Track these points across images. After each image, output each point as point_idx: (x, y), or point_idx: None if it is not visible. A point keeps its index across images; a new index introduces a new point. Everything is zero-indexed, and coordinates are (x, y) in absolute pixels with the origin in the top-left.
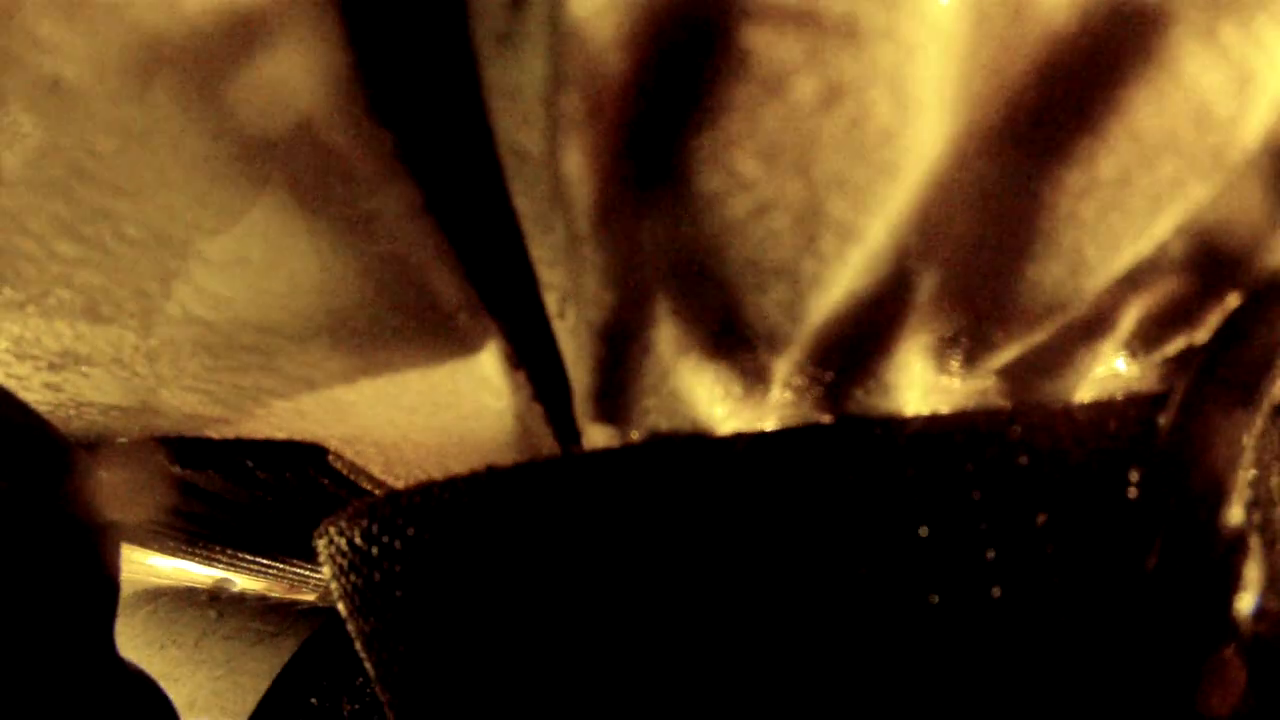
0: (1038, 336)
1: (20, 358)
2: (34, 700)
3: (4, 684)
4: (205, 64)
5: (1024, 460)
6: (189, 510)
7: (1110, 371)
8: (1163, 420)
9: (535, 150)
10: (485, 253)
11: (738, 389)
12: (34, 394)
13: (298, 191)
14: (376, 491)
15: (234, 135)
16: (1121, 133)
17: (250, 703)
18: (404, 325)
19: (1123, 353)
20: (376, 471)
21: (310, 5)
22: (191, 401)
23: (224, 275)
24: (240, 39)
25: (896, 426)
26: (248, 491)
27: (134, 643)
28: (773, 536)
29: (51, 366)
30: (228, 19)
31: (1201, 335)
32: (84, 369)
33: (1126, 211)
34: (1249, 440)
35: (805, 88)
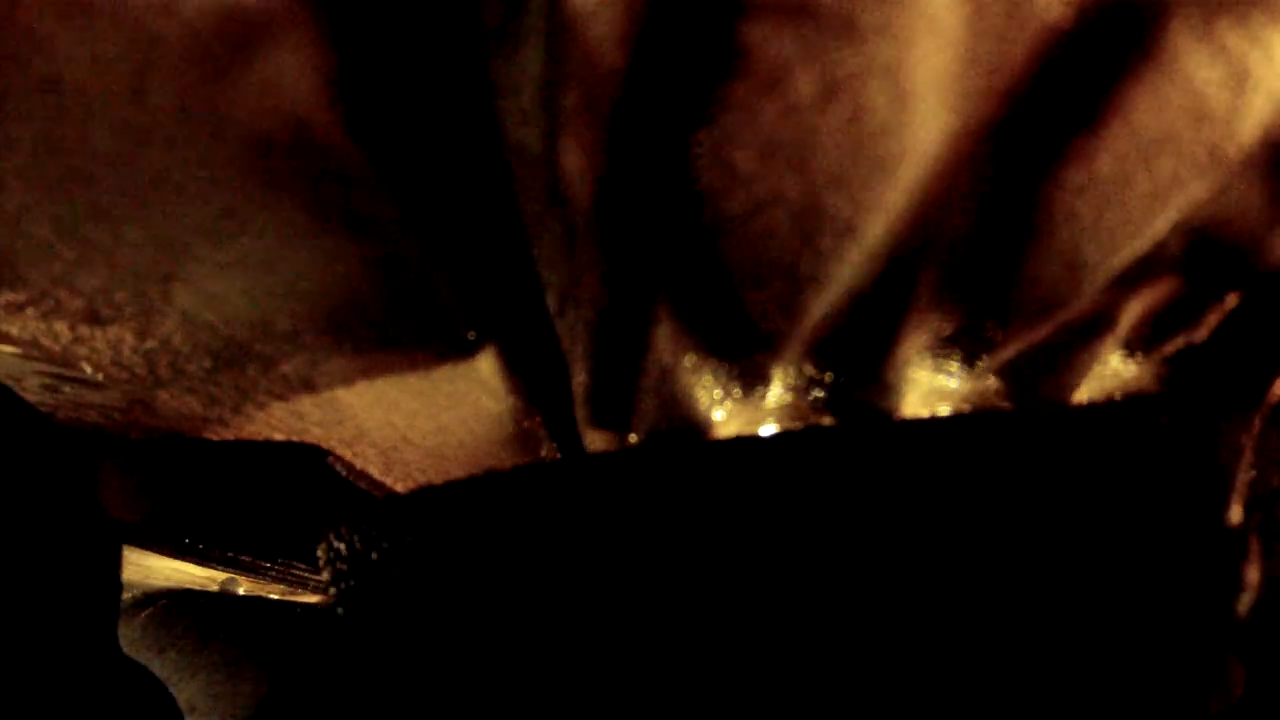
0: (1037, 335)
1: (20, 358)
2: (39, 698)
3: (9, 682)
4: (203, 66)
5: (1024, 460)
6: (189, 510)
7: (1110, 371)
8: (1162, 420)
9: (534, 147)
10: (484, 255)
11: (737, 390)
12: (34, 394)
13: (296, 193)
14: (375, 494)
15: (232, 137)
16: (1119, 129)
17: (250, 705)
18: (403, 328)
19: (1122, 352)
20: (375, 474)
21: (307, 8)
22: (191, 403)
23: (223, 277)
24: (238, 41)
25: (896, 428)
26: (247, 492)
27: (133, 645)
28: (773, 539)
29: (51, 367)
30: (225, 22)
31: (1201, 335)
32: (83, 370)
33: (1124, 209)
34: (1249, 440)
35: (802, 83)
